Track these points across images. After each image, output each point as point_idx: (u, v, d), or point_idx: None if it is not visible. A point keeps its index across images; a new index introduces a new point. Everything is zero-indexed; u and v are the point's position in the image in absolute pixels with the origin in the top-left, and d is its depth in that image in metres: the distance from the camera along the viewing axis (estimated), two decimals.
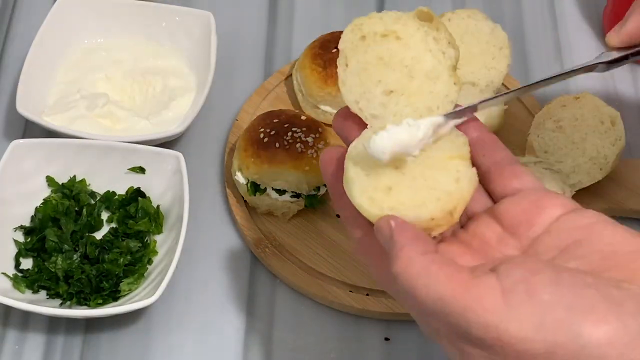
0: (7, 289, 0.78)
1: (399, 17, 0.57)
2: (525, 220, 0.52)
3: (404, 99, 0.57)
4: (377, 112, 0.56)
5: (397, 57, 0.57)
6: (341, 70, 0.57)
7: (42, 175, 0.85)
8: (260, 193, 0.83)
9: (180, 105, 0.92)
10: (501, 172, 0.56)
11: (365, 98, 0.57)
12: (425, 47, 0.57)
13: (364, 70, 0.57)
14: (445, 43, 0.57)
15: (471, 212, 0.56)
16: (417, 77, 0.57)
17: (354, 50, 0.57)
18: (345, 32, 0.57)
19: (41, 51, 0.92)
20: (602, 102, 0.88)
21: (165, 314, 0.81)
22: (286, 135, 0.83)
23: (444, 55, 0.57)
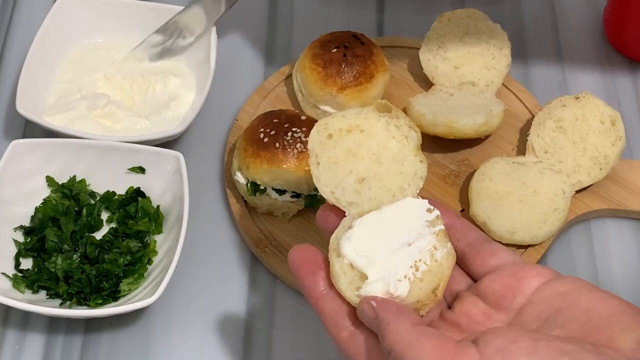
0: (7, 289, 0.78)
1: (359, 112, 0.62)
2: (508, 293, 0.55)
3: (375, 183, 0.61)
4: (353, 199, 0.61)
5: (364, 147, 0.62)
6: (314, 168, 0.61)
7: (42, 175, 0.85)
8: (260, 193, 0.83)
9: (180, 105, 0.92)
10: (477, 252, 0.59)
11: (340, 188, 0.61)
12: (388, 134, 0.62)
13: (335, 164, 0.61)
14: (407, 128, 0.62)
15: (455, 292, 0.59)
16: (385, 161, 0.61)
17: (323, 148, 0.62)
18: (312, 133, 0.62)
19: (41, 51, 0.92)
20: (602, 102, 0.88)
21: (165, 314, 0.80)
22: (286, 135, 0.83)
23: (407, 139, 0.62)
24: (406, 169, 0.61)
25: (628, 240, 0.87)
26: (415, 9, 1.05)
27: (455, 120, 0.86)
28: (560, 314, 0.53)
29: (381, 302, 0.54)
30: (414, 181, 0.61)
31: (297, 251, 0.59)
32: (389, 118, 0.62)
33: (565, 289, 0.54)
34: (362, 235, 0.59)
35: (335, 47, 0.90)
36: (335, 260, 0.58)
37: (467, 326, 0.55)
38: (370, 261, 0.57)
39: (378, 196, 0.60)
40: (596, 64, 1.01)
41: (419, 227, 0.58)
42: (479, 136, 0.89)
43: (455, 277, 0.58)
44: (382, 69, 0.91)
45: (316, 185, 0.61)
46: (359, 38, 0.91)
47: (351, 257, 0.58)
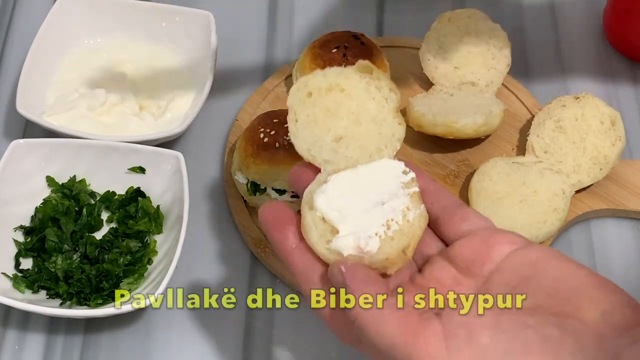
0: (7, 289, 0.78)
1: (340, 72, 0.62)
2: (477, 259, 0.55)
3: (353, 142, 0.61)
4: (329, 157, 0.60)
5: (344, 106, 0.61)
6: (292, 125, 0.61)
7: (42, 175, 0.85)
8: (260, 193, 0.83)
9: (180, 105, 0.92)
10: (450, 216, 0.58)
11: (317, 146, 0.61)
12: (369, 95, 0.62)
13: (313, 122, 0.61)
14: (387, 90, 0.62)
15: (426, 255, 0.58)
16: (364, 122, 0.61)
17: (302, 106, 0.62)
18: (292, 91, 0.62)
19: (41, 51, 0.92)
20: (602, 102, 0.88)
21: (165, 314, 0.80)
22: (286, 135, 0.82)
23: (387, 101, 0.61)
24: (384, 130, 0.61)
25: (628, 240, 0.87)
26: (415, 9, 1.05)
27: (455, 120, 0.86)
28: (528, 282, 0.52)
29: (350, 268, 0.53)
30: (391, 143, 0.61)
31: (267, 208, 0.59)
32: (370, 79, 0.62)
33: (535, 257, 0.53)
34: (336, 191, 0.58)
35: (335, 47, 0.90)
36: (308, 212, 0.58)
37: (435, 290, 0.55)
38: (343, 216, 0.57)
39: (355, 155, 0.60)
40: (596, 64, 1.01)
41: (393, 188, 0.58)
42: (479, 136, 0.89)
43: (427, 241, 0.58)
44: (382, 69, 0.91)
45: (293, 142, 0.61)
46: (359, 38, 0.91)
47: (324, 210, 0.57)
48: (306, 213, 0.58)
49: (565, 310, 0.50)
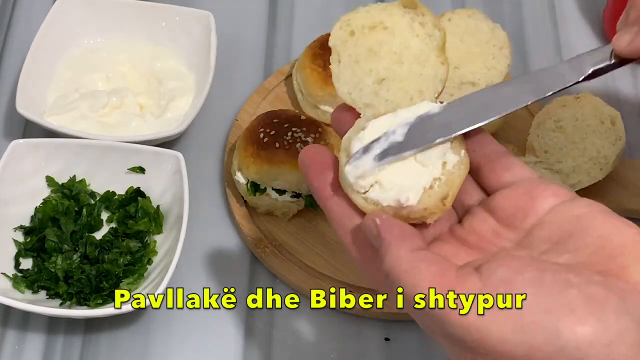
0: (7, 289, 0.78)
1: (384, 8, 0.59)
2: (519, 212, 0.52)
3: (394, 84, 0.58)
4: (370, 101, 0.58)
5: (386, 45, 0.59)
6: (334, 66, 0.58)
7: (41, 175, 0.85)
8: (260, 193, 0.83)
9: (180, 106, 0.92)
10: (492, 165, 0.55)
11: (358, 88, 0.58)
12: (412, 32, 0.59)
13: (355, 63, 0.58)
14: (431, 26, 0.59)
15: (467, 206, 0.56)
16: (406, 62, 0.58)
17: (344, 46, 0.59)
18: (334, 29, 0.59)
19: (41, 51, 0.92)
20: (602, 102, 0.88)
21: (165, 314, 0.80)
22: (286, 135, 0.83)
23: (431, 38, 0.59)
24: (427, 70, 0.58)
25: None
26: None
27: None
28: (572, 238, 0.50)
29: (385, 221, 0.51)
30: (433, 84, 0.58)
31: (307, 150, 0.56)
32: (414, 14, 0.59)
33: (580, 212, 0.51)
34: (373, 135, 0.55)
35: None
36: (345, 162, 0.55)
37: (475, 243, 0.53)
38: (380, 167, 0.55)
39: (395, 98, 0.58)
40: None
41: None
42: None
43: (468, 190, 0.55)
44: None
45: (335, 84, 0.58)
46: None
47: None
48: (343, 162, 0.55)
49: (610, 269, 0.48)
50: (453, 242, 0.53)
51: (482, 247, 0.52)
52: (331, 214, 0.55)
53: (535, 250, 0.50)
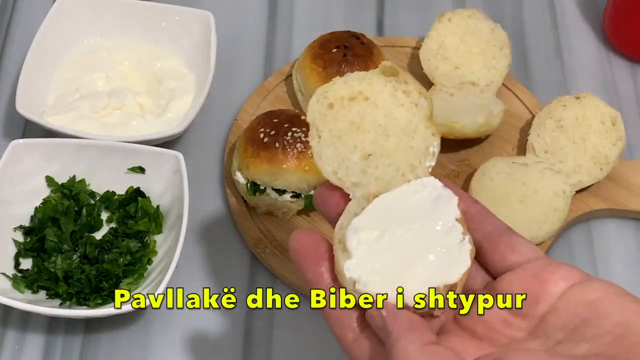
0: (6, 289, 0.78)
1: (363, 78, 0.55)
2: (529, 298, 0.49)
3: (383, 159, 0.54)
4: (358, 180, 0.54)
5: (369, 118, 0.55)
6: (314, 143, 0.55)
7: (41, 175, 0.85)
8: (260, 193, 0.83)
9: (179, 106, 0.92)
10: (495, 245, 0.52)
11: (344, 166, 0.54)
12: (396, 102, 0.55)
13: (337, 138, 0.55)
14: (417, 94, 0.55)
15: (471, 290, 0.52)
16: (393, 134, 0.55)
17: (323, 120, 0.55)
18: (311, 103, 0.55)
19: (41, 51, 0.91)
20: (602, 102, 0.88)
21: (165, 314, 0.80)
22: (286, 135, 0.83)
23: (417, 107, 0.55)
24: (417, 142, 0.54)
25: (628, 240, 0.87)
26: (415, 8, 1.05)
27: (455, 120, 0.86)
28: (589, 325, 0.47)
29: (392, 311, 0.48)
30: (425, 157, 0.54)
31: (297, 238, 0.53)
32: (396, 83, 0.55)
33: (594, 296, 0.48)
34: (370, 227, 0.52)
35: (335, 47, 0.90)
36: (341, 255, 0.51)
37: (484, 334, 0.50)
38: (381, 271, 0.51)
39: (386, 175, 0.54)
40: (596, 64, 1.01)
41: (434, 217, 0.52)
42: (479, 136, 0.89)
43: (471, 273, 0.52)
44: None
45: (317, 163, 0.54)
46: (359, 38, 0.91)
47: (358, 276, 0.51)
48: (339, 255, 0.51)
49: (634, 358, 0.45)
50: (460, 334, 0.50)
51: (492, 339, 0.50)
52: (327, 311, 0.53)
53: (550, 340, 0.48)
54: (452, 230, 0.51)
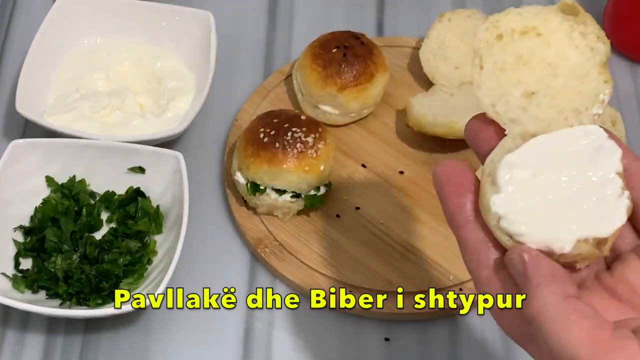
0: (6, 289, 0.78)
1: (539, 12, 0.52)
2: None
3: (547, 100, 0.51)
4: (517, 116, 0.51)
5: (539, 55, 0.52)
6: (475, 73, 0.53)
7: (41, 175, 0.85)
8: (260, 193, 0.83)
9: (179, 106, 0.92)
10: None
11: (504, 101, 0.52)
12: (571, 43, 0.52)
13: (501, 71, 0.52)
14: (594, 38, 0.52)
15: (618, 250, 0.50)
16: (562, 75, 0.51)
17: (490, 50, 0.52)
18: (480, 31, 0.53)
19: (41, 51, 0.91)
20: None
21: (165, 314, 0.80)
22: (286, 135, 0.83)
23: (593, 52, 0.52)
24: (586, 87, 0.51)
25: None
26: (415, 8, 1.05)
27: (455, 120, 0.86)
28: None
29: (534, 257, 0.45)
30: (592, 104, 0.50)
31: (444, 166, 0.51)
32: (574, 22, 0.52)
33: None
34: (524, 165, 0.49)
35: (335, 47, 0.90)
36: (489, 189, 0.48)
37: (626, 296, 0.47)
38: (530, 213, 0.48)
39: (547, 117, 0.51)
40: None
41: (593, 168, 0.49)
42: None
43: (621, 232, 0.49)
44: (382, 68, 0.91)
45: (476, 94, 0.52)
46: (359, 38, 0.91)
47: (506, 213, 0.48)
48: (487, 189, 0.49)
49: None
50: (601, 292, 0.48)
51: (634, 303, 0.47)
52: (465, 243, 0.49)
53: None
54: (611, 183, 0.48)
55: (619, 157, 0.49)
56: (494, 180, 0.49)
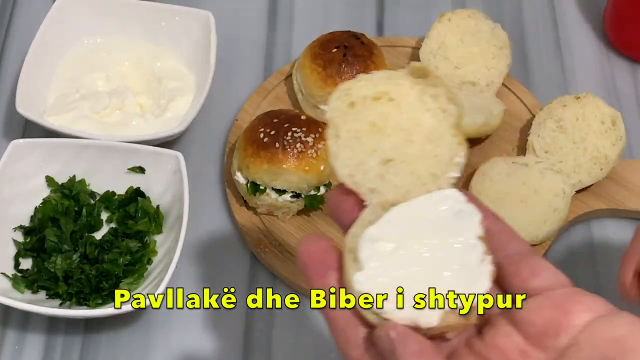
0: (6, 289, 0.78)
1: (390, 76, 0.51)
2: (550, 329, 0.46)
3: (404, 167, 0.50)
4: (375, 186, 0.50)
5: (392, 121, 0.51)
6: (332, 142, 0.51)
7: (41, 175, 0.85)
8: (260, 193, 0.83)
9: (179, 105, 0.91)
10: (517, 268, 0.49)
11: (361, 170, 0.50)
12: (423, 106, 0.51)
13: (356, 139, 0.51)
14: (445, 100, 0.51)
15: (487, 314, 0.49)
16: (417, 140, 0.51)
17: (343, 119, 0.51)
18: (332, 100, 0.51)
19: (41, 51, 0.91)
20: (602, 102, 0.88)
21: (165, 314, 0.80)
22: (286, 135, 0.83)
23: (445, 114, 0.51)
24: (441, 151, 0.50)
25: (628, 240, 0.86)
26: (415, 8, 1.05)
27: None
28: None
29: (401, 334, 0.45)
30: (449, 168, 0.50)
31: (306, 245, 0.49)
32: (424, 85, 0.51)
33: (621, 332, 0.44)
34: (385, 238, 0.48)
35: (335, 47, 0.90)
36: (351, 266, 0.48)
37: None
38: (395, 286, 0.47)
39: (406, 184, 0.50)
40: (596, 64, 1.01)
41: (454, 233, 0.48)
42: (479, 136, 0.89)
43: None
44: (382, 68, 0.91)
45: (333, 164, 0.51)
46: (359, 38, 0.91)
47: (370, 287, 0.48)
48: (349, 265, 0.48)
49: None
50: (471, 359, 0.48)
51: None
52: (333, 323, 0.49)
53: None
54: (473, 248, 0.48)
55: (479, 220, 0.49)
56: (355, 256, 0.48)
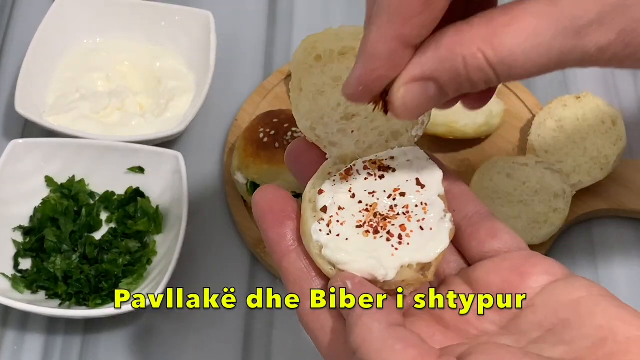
0: (6, 289, 0.78)
1: (358, 33, 0.49)
2: (506, 290, 0.45)
3: (366, 122, 0.50)
4: (337, 140, 0.50)
5: None
6: (294, 94, 0.51)
7: (41, 175, 0.85)
8: None
9: (179, 105, 0.91)
10: (476, 229, 0.48)
11: (322, 124, 0.50)
12: None
13: (320, 93, 0.50)
14: None
15: (443, 275, 0.49)
16: None
17: (308, 72, 0.50)
18: (297, 52, 0.50)
19: (40, 51, 0.91)
20: (603, 102, 0.88)
21: (165, 314, 0.80)
22: (286, 135, 0.83)
23: None
24: None
25: (629, 240, 0.87)
26: None
27: (455, 120, 0.86)
28: (568, 326, 0.43)
29: (357, 285, 0.44)
30: (412, 126, 0.50)
31: (263, 193, 0.48)
32: None
33: (577, 295, 0.44)
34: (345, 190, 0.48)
35: None
36: (310, 216, 0.47)
37: (453, 323, 0.46)
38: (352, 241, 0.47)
39: (368, 139, 0.50)
40: None
41: (414, 190, 0.48)
42: (479, 136, 0.89)
43: (445, 256, 0.48)
44: None
45: (295, 116, 0.50)
46: None
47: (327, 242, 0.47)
48: (308, 216, 0.47)
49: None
50: (427, 319, 0.47)
51: (460, 329, 0.46)
52: (287, 274, 0.47)
53: (524, 338, 0.44)
54: (432, 206, 0.47)
55: (440, 179, 0.48)
56: (314, 206, 0.47)
